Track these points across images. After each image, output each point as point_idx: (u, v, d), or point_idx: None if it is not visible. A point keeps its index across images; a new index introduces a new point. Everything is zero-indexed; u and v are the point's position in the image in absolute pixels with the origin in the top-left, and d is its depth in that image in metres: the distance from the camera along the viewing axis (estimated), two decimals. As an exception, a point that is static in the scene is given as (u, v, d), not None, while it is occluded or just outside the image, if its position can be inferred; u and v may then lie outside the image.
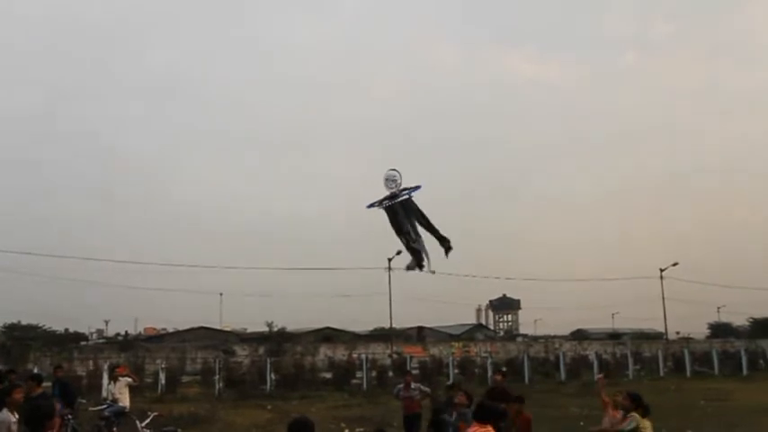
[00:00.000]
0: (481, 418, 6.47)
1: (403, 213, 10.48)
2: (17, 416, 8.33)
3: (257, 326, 62.01)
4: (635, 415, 8.45)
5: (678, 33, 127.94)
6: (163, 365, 30.08)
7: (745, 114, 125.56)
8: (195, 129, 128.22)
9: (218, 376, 28.30)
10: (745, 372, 38.19)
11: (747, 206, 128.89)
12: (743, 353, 41.31)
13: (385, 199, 10.36)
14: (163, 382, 27.79)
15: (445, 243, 10.41)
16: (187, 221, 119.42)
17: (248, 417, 20.68)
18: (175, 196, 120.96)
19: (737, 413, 21.07)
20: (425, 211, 10.45)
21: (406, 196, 10.44)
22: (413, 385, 14.40)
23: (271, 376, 28.84)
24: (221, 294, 70.55)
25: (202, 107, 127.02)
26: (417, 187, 10.66)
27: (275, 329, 54.34)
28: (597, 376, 9.62)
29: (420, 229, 10.43)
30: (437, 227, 10.66)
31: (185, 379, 31.13)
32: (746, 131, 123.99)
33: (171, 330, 69.79)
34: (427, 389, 15.14)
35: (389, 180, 10.59)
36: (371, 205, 10.48)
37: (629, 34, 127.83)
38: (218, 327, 65.72)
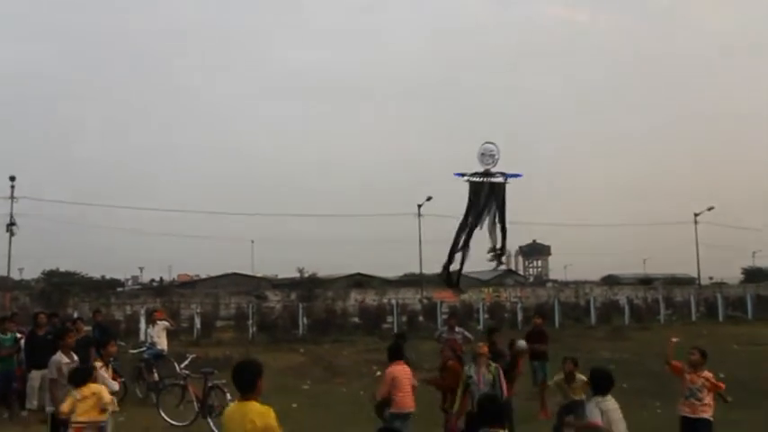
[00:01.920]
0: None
1: (489, 195, 9.85)
2: (69, 359, 8.60)
3: (289, 272, 62.75)
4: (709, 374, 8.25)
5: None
6: (198, 310, 30.73)
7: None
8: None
9: (251, 321, 28.82)
10: (778, 316, 37.77)
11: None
12: (776, 297, 40.81)
13: (480, 174, 9.71)
14: (198, 326, 28.41)
15: (502, 250, 10.09)
16: (219, 168, 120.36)
17: (282, 360, 21.08)
18: (208, 143, 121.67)
19: (770, 357, 20.94)
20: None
21: (502, 180, 9.83)
22: (457, 329, 14.34)
23: (303, 321, 29.26)
24: (253, 241, 71.46)
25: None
26: (517, 175, 9.96)
27: (306, 275, 54.88)
28: (673, 339, 8.77)
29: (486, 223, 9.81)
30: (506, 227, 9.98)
31: (219, 324, 31.77)
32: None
33: (204, 277, 71.03)
34: (470, 334, 14.95)
35: (486, 155, 9.94)
36: (461, 174, 9.84)
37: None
38: (250, 273, 66.64)
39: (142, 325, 25.67)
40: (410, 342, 24.25)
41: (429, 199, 46.75)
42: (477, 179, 9.65)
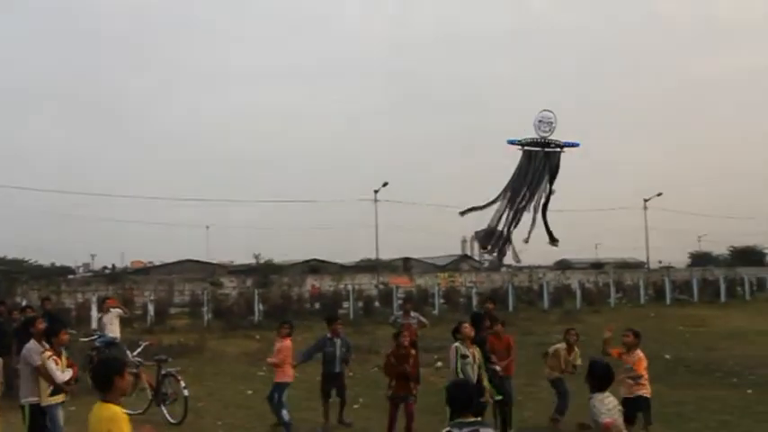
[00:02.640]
0: None
1: (543, 166, 9.15)
2: (42, 346, 8.29)
3: (245, 258, 62.35)
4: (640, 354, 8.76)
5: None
6: (151, 297, 30.30)
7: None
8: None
9: (206, 308, 28.58)
10: (723, 299, 39.12)
11: (728, 136, 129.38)
12: (722, 280, 42.15)
13: (535, 143, 9.11)
14: (152, 313, 28.04)
15: (550, 234, 9.32)
16: (171, 152, 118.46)
17: (237, 346, 21.02)
18: (159, 127, 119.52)
19: (713, 338, 21.75)
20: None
21: (558, 150, 9.14)
22: (412, 314, 14.53)
23: (258, 307, 29.14)
24: (208, 227, 70.70)
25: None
26: (575, 144, 9.34)
27: (262, 261, 54.56)
28: (606, 333, 9.11)
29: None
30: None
31: (174, 311, 31.39)
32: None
33: (158, 263, 70.04)
34: (425, 320, 15.15)
35: (544, 122, 9.29)
36: (515, 141, 9.20)
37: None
38: (205, 259, 65.96)
39: (94, 313, 25.21)
40: (366, 327, 24.58)
41: (385, 185, 46.91)
42: (533, 148, 9.02)
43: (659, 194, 57.62)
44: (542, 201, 8.94)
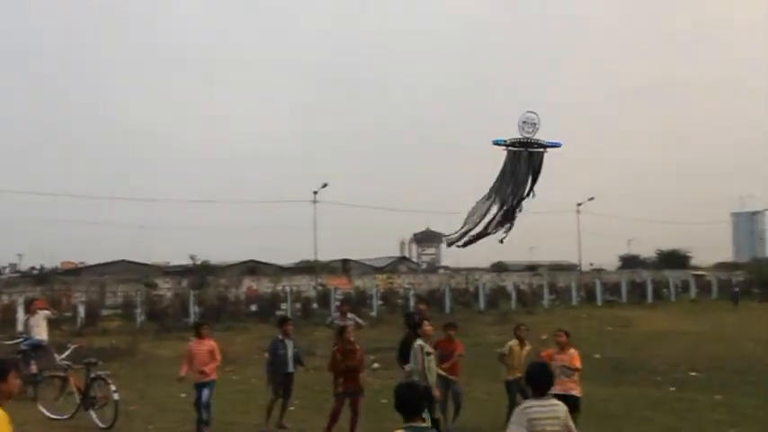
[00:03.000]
0: None
1: (526, 167, 9.27)
2: None
3: (181, 259, 61.22)
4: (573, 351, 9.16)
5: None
6: (82, 299, 29.49)
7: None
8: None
9: (139, 309, 27.99)
10: (650, 300, 40.63)
11: (657, 144, 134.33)
12: (649, 283, 43.88)
13: (519, 143, 9.15)
14: (82, 315, 27.27)
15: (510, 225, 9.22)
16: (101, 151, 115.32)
17: (171, 349, 20.60)
18: (97, 123, 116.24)
19: (639, 338, 22.61)
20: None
21: (542, 150, 9.25)
22: (349, 315, 14.57)
23: (194, 309, 28.71)
24: (143, 227, 69.05)
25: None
26: (557, 144, 9.46)
27: (198, 262, 53.68)
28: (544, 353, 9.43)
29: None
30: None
31: (106, 312, 30.64)
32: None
33: (90, 264, 67.90)
34: (362, 321, 15.30)
35: (528, 123, 9.32)
36: (499, 143, 9.16)
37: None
38: (139, 260, 64.36)
39: (20, 315, 24.34)
40: (304, 329, 24.53)
41: (325, 185, 46.81)
42: (518, 149, 9.10)
43: (591, 199, 59.38)
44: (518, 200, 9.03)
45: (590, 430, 9.84)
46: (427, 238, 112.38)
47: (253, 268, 59.84)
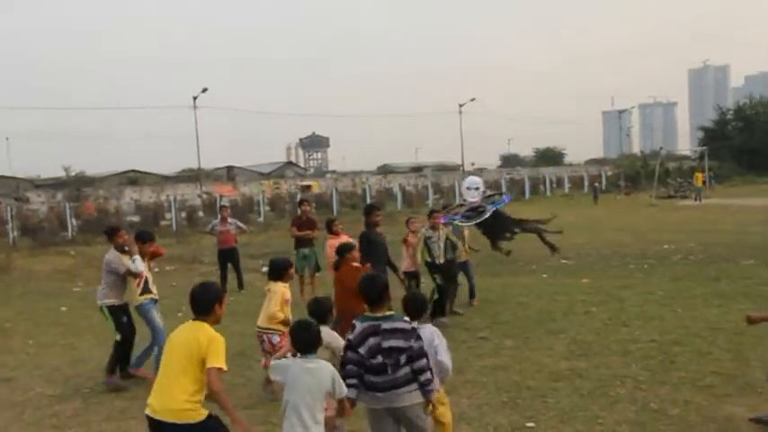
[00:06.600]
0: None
1: (499, 222, 12.10)
2: None
3: (53, 171, 57.92)
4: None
5: None
6: (-57, 217, 27.46)
7: None
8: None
9: (10, 225, 26.45)
10: (527, 196, 42.75)
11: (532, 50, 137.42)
12: (526, 180, 46.06)
13: (476, 213, 11.42)
14: (-55, 234, 25.49)
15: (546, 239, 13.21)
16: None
17: (49, 263, 19.85)
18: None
19: (518, 232, 23.86)
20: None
21: (493, 208, 11.78)
22: (230, 220, 14.61)
23: (72, 222, 27.48)
24: (8, 138, 64.51)
25: None
26: (504, 201, 12.40)
27: (73, 174, 50.97)
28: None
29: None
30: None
31: (-27, 230, 28.73)
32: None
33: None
34: (244, 225, 15.51)
35: (471, 189, 11.73)
36: (464, 221, 11.51)
37: None
38: (7, 174, 60.34)
39: None
40: (190, 238, 24.20)
41: (204, 90, 45.09)
42: (477, 220, 11.46)
43: (473, 99, 60.76)
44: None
45: (471, 317, 10.55)
46: (314, 143, 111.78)
47: (134, 179, 57.74)
